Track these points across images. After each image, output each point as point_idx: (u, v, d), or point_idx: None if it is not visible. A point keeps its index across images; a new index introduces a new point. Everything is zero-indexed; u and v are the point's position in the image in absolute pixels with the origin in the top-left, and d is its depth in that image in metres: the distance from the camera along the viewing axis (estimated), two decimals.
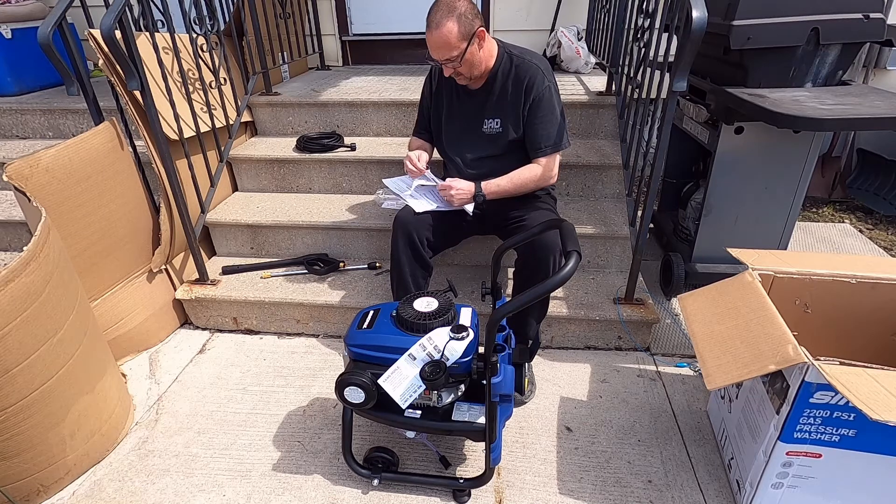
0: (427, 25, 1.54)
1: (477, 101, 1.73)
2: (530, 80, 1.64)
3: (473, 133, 1.75)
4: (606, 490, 1.43)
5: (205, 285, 2.13)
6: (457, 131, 1.80)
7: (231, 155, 2.42)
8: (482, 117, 1.72)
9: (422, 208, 1.73)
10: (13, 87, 2.97)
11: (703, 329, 1.32)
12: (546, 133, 1.67)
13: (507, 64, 1.67)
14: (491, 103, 1.70)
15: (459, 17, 1.51)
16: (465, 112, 1.76)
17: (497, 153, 1.74)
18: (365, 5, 3.34)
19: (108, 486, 1.49)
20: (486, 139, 1.74)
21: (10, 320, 1.23)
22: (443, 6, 1.52)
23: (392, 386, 1.26)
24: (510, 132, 1.70)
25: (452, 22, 1.50)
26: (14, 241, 2.44)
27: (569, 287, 2.05)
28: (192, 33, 2.08)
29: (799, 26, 1.70)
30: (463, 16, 1.51)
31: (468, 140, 1.77)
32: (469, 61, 1.58)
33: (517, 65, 1.66)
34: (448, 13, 1.51)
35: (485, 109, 1.72)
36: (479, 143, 1.75)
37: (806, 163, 1.90)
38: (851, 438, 1.15)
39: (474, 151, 1.77)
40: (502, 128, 1.71)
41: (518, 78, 1.66)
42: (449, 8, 1.51)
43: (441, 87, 1.79)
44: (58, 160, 1.62)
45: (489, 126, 1.72)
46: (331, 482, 1.47)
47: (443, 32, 1.51)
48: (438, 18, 1.51)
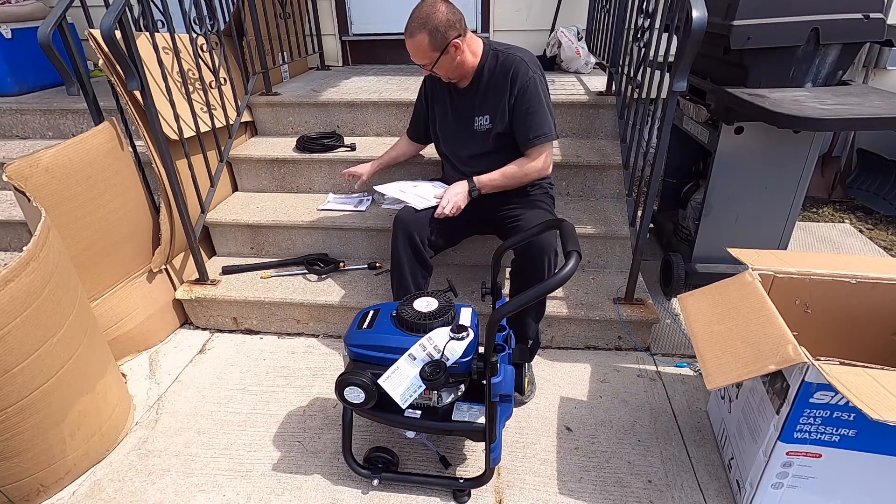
0: (404, 29, 1.59)
1: (467, 100, 1.74)
2: (514, 72, 1.64)
3: (465, 131, 1.76)
4: (606, 490, 1.43)
5: (205, 285, 2.13)
6: (451, 130, 1.81)
7: (231, 155, 2.42)
8: (472, 115, 1.73)
9: (423, 205, 1.74)
10: (13, 87, 2.97)
11: (703, 329, 1.32)
12: (534, 123, 1.64)
13: (493, 60, 1.68)
14: (479, 100, 1.72)
15: (432, 31, 1.53)
16: (458, 111, 1.77)
17: (489, 150, 1.74)
18: (365, 5, 3.34)
19: (108, 486, 1.49)
20: (478, 137, 1.75)
21: (10, 320, 1.23)
22: (419, 17, 1.55)
23: (392, 386, 1.26)
24: (497, 126, 1.70)
25: (423, 35, 1.54)
26: (14, 241, 2.44)
27: (569, 287, 2.05)
28: (192, 33, 2.08)
29: (799, 26, 1.70)
30: (436, 29, 1.53)
31: (461, 138, 1.79)
32: (444, 67, 1.62)
33: (501, 60, 1.67)
34: (421, 26, 1.54)
35: (474, 107, 1.73)
36: (471, 141, 1.76)
37: (806, 163, 1.90)
38: (851, 438, 1.15)
39: (468, 149, 1.78)
40: (491, 123, 1.72)
41: (503, 72, 1.66)
42: (423, 20, 1.53)
43: (437, 87, 1.81)
44: (57, 160, 1.62)
45: (479, 123, 1.73)
46: (331, 482, 1.47)
47: (414, 42, 1.57)
48: (412, 28, 1.56)
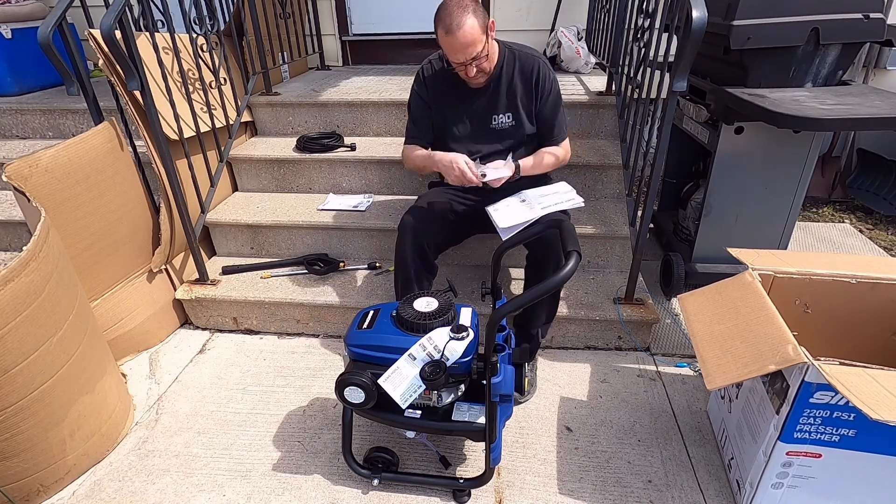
0: (446, 31, 1.49)
1: (484, 99, 1.72)
2: (540, 74, 1.68)
3: (482, 130, 1.75)
4: (606, 490, 1.43)
5: (205, 285, 2.13)
6: (465, 131, 1.77)
7: (231, 155, 2.42)
8: (491, 114, 1.73)
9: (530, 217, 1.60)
10: (13, 87, 2.97)
11: (703, 329, 1.31)
12: (561, 120, 1.77)
13: (510, 57, 1.69)
14: (500, 98, 1.71)
15: (475, 11, 1.50)
16: (472, 111, 1.75)
17: (507, 147, 1.75)
18: (365, 5, 3.34)
19: (108, 486, 1.49)
20: (496, 135, 1.75)
21: (10, 320, 1.23)
22: (454, 7, 1.49)
23: (392, 386, 1.26)
24: (525, 126, 1.73)
25: (472, 17, 1.49)
26: (14, 242, 2.44)
27: (569, 287, 2.05)
28: (192, 33, 2.08)
29: (799, 26, 1.70)
30: (476, 9, 1.51)
31: (477, 138, 1.77)
32: (490, 55, 1.60)
33: (519, 58, 1.68)
34: (464, 11, 1.48)
35: (494, 106, 1.72)
36: (489, 139, 1.76)
37: (806, 163, 1.90)
38: (851, 438, 1.15)
39: (484, 148, 1.77)
40: (515, 121, 1.73)
41: (524, 70, 1.68)
42: (461, 6, 1.49)
43: (439, 90, 1.75)
44: (57, 160, 1.62)
45: (499, 121, 1.73)
46: (331, 482, 1.47)
47: (467, 31, 1.48)
48: (458, 19, 1.47)
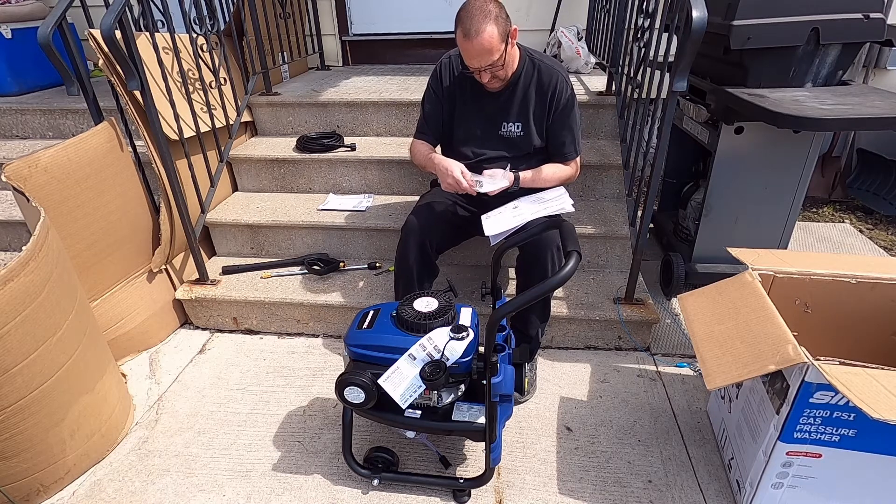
0: (465, 34, 1.47)
1: (497, 104, 1.70)
2: (558, 87, 1.64)
3: (490, 135, 1.73)
4: (606, 490, 1.43)
5: (205, 285, 2.13)
6: (472, 133, 1.75)
7: (231, 155, 2.42)
8: (501, 120, 1.71)
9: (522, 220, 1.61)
10: (13, 87, 2.97)
11: (703, 329, 1.31)
12: (574, 137, 1.73)
13: (530, 67, 1.66)
14: (513, 106, 1.68)
15: (496, 19, 1.47)
16: (483, 114, 1.72)
17: (512, 155, 1.73)
18: (365, 5, 3.34)
19: (108, 486, 1.49)
20: (504, 142, 1.73)
21: (10, 320, 1.23)
22: (476, 12, 1.46)
23: (392, 386, 1.26)
24: (534, 138, 1.70)
25: (492, 26, 1.46)
26: (14, 242, 2.44)
27: (569, 287, 2.05)
28: (192, 33, 2.08)
29: (799, 26, 1.70)
30: (499, 17, 1.48)
31: (484, 142, 1.74)
32: (508, 63, 1.57)
33: (539, 69, 1.65)
34: (485, 17, 1.45)
35: (506, 112, 1.70)
36: (495, 145, 1.74)
37: (806, 163, 1.90)
38: (851, 438, 1.15)
39: (489, 153, 1.74)
40: (524, 132, 1.70)
41: (541, 82, 1.65)
42: (484, 12, 1.46)
43: (454, 87, 1.73)
44: (56, 160, 1.62)
45: (508, 129, 1.71)
46: (331, 482, 1.47)
47: (485, 38, 1.46)
48: (478, 25, 1.45)
